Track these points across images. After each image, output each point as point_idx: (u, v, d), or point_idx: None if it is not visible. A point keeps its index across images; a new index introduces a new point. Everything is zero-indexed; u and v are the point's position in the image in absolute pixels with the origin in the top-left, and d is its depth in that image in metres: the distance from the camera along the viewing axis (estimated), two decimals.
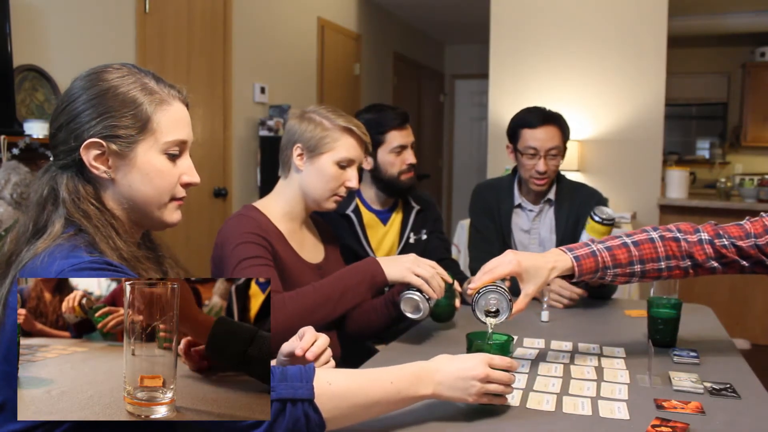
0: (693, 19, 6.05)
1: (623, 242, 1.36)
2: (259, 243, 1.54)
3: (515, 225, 2.22)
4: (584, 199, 2.16)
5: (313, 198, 1.65)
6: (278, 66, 4.49)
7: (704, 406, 1.16)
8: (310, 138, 1.61)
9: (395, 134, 2.02)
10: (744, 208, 4.22)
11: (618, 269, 1.35)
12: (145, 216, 1.05)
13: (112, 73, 1.02)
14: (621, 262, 1.34)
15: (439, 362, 1.08)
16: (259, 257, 1.52)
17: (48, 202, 1.00)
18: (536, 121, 2.11)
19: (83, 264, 0.90)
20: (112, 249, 0.97)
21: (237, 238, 1.53)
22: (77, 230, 0.97)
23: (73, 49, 2.84)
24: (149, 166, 1.02)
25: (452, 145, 8.35)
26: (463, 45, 8.11)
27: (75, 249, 0.93)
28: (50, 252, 0.93)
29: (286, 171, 1.68)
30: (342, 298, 1.46)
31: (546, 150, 2.09)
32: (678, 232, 1.37)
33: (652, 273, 1.36)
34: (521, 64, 4.52)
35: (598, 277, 1.35)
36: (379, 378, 1.02)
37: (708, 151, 7.34)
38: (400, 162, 2.03)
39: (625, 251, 1.35)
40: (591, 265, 1.34)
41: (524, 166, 2.14)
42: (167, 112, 1.03)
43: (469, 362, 1.07)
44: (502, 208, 2.22)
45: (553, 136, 2.10)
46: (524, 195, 2.23)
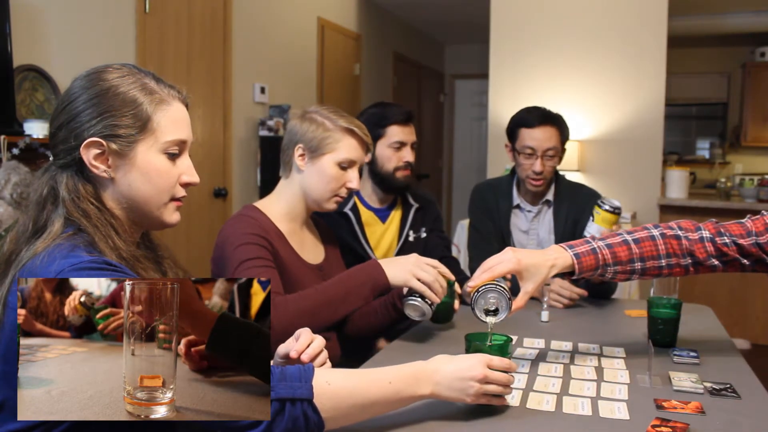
0: (693, 19, 6.05)
1: (624, 239, 1.36)
2: (260, 244, 1.54)
3: (514, 225, 2.22)
4: (583, 200, 2.15)
5: (313, 198, 1.65)
6: (278, 66, 4.49)
7: (704, 406, 1.16)
8: (312, 138, 1.61)
9: (396, 129, 2.03)
10: (744, 208, 4.21)
11: (618, 266, 1.34)
12: (145, 216, 1.05)
13: (112, 73, 1.02)
14: (621, 259, 1.34)
15: (437, 362, 1.08)
16: (260, 258, 1.52)
17: (48, 201, 1.00)
18: (535, 120, 2.10)
19: (83, 264, 0.90)
20: (111, 248, 0.97)
21: (238, 239, 1.53)
22: (77, 230, 0.97)
23: (73, 49, 2.84)
24: (149, 166, 1.02)
25: (452, 145, 8.35)
26: (463, 45, 8.11)
27: (74, 249, 0.93)
28: (50, 252, 0.93)
29: (287, 171, 1.68)
30: (344, 302, 1.47)
31: (543, 150, 2.09)
32: (679, 229, 1.37)
33: (653, 271, 1.36)
34: (521, 64, 4.52)
35: (598, 274, 1.35)
36: (378, 378, 1.02)
37: (708, 151, 7.34)
38: (398, 158, 2.03)
39: (626, 249, 1.35)
40: (591, 263, 1.33)
41: (521, 166, 2.13)
42: (167, 111, 1.04)
43: (468, 363, 1.07)
44: (501, 209, 2.21)
45: (550, 137, 2.10)
46: (522, 195, 2.23)
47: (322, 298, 1.46)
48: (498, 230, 2.20)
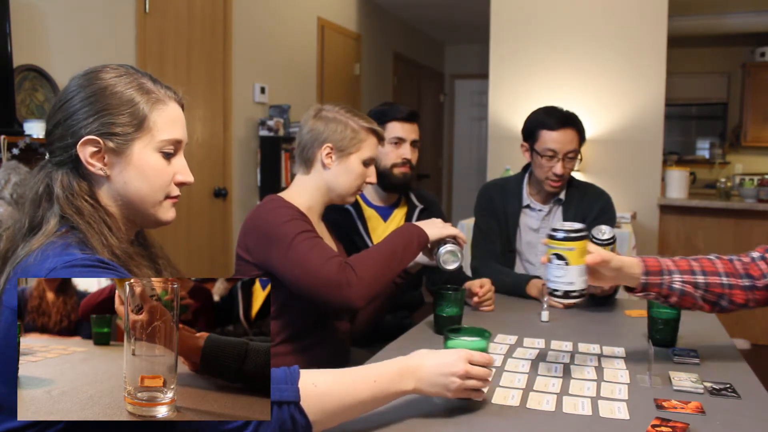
0: (693, 19, 6.05)
1: (679, 256, 1.36)
2: (305, 220, 1.59)
3: (523, 224, 2.23)
4: (592, 199, 2.18)
5: (338, 193, 1.71)
6: (278, 66, 4.49)
7: (704, 406, 1.16)
8: (341, 139, 1.67)
9: (395, 125, 2.05)
10: (744, 208, 4.22)
11: (684, 276, 1.33)
12: (139, 213, 1.06)
13: (109, 72, 1.03)
14: (683, 268, 1.33)
15: (420, 358, 1.08)
16: (313, 231, 1.56)
17: (43, 198, 1.00)
18: (556, 123, 2.10)
19: (75, 261, 0.90)
20: (103, 246, 0.97)
21: (283, 217, 1.56)
22: (70, 227, 0.97)
23: (73, 49, 2.84)
24: (144, 164, 1.03)
25: (452, 145, 8.35)
26: (463, 45, 8.11)
27: (68, 247, 0.94)
28: (43, 250, 0.93)
29: (307, 168, 1.71)
30: (404, 253, 1.58)
31: (564, 153, 2.10)
32: (730, 255, 1.37)
33: (715, 288, 1.33)
34: (521, 64, 4.52)
35: (666, 284, 1.32)
36: (364, 377, 1.03)
37: (708, 151, 7.34)
38: (396, 155, 2.04)
39: (684, 261, 1.35)
40: (655, 263, 1.32)
41: (541, 167, 2.14)
42: (163, 111, 1.05)
43: (449, 358, 1.08)
44: (508, 209, 2.22)
45: (572, 139, 2.11)
46: (533, 195, 2.24)
47: (387, 249, 1.56)
48: (503, 230, 2.21)
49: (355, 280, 1.46)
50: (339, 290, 1.44)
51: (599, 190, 2.24)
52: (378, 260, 1.52)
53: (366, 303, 1.49)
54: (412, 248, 1.59)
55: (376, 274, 1.50)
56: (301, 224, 1.55)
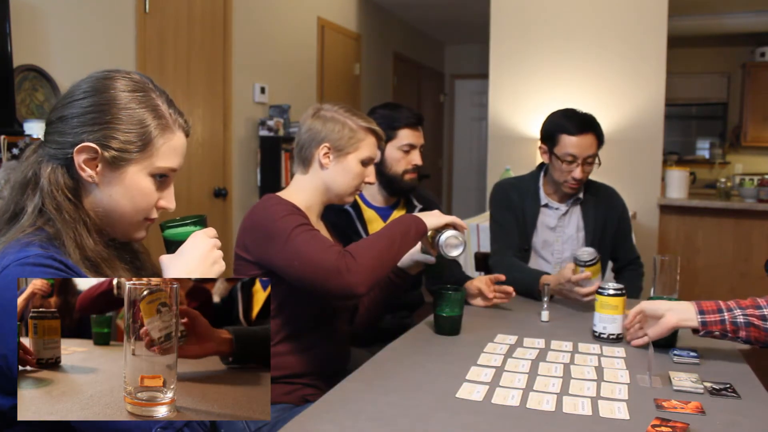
0: (693, 19, 6.05)
1: None
2: (303, 215, 1.59)
3: (541, 223, 2.24)
4: (607, 200, 2.26)
5: (336, 193, 1.71)
6: (278, 66, 4.49)
7: (704, 406, 1.16)
8: (339, 138, 1.67)
9: (407, 132, 2.05)
10: (744, 208, 4.22)
11: (747, 310, 1.35)
12: (114, 227, 1.05)
13: (127, 84, 1.02)
14: (744, 304, 1.36)
15: (169, 260, 1.06)
16: (309, 224, 1.56)
17: (29, 186, 1.00)
18: (576, 128, 2.11)
19: (28, 259, 0.90)
20: (76, 246, 0.97)
21: (280, 212, 1.55)
22: (45, 221, 0.97)
23: (73, 49, 2.84)
24: (135, 185, 1.02)
25: (452, 145, 8.35)
26: (463, 45, 8.11)
27: (29, 245, 0.93)
28: (10, 245, 0.94)
29: (305, 167, 1.71)
30: (402, 242, 1.55)
31: (584, 158, 2.11)
32: None
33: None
34: (521, 64, 4.52)
35: (729, 320, 1.36)
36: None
37: (708, 151, 7.34)
38: (407, 161, 2.06)
39: (749, 299, 1.37)
40: (711, 305, 1.37)
41: (560, 171, 2.14)
42: (170, 139, 1.04)
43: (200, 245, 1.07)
44: (526, 208, 2.23)
45: (591, 144, 2.13)
46: (550, 194, 2.25)
47: (385, 237, 1.54)
48: (521, 229, 2.22)
49: (355, 266, 1.45)
50: (339, 277, 1.43)
51: (610, 190, 2.31)
52: (376, 247, 1.51)
53: (368, 290, 1.48)
54: (410, 236, 1.57)
55: (375, 261, 1.48)
56: (298, 218, 1.55)
